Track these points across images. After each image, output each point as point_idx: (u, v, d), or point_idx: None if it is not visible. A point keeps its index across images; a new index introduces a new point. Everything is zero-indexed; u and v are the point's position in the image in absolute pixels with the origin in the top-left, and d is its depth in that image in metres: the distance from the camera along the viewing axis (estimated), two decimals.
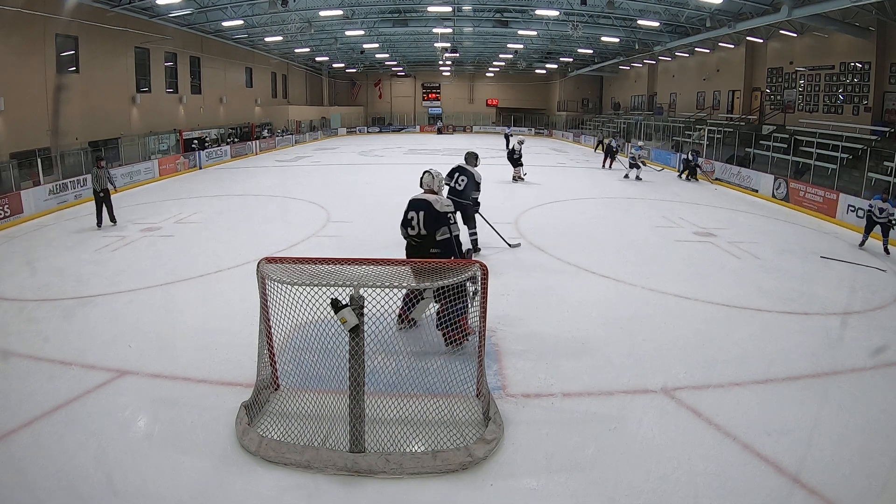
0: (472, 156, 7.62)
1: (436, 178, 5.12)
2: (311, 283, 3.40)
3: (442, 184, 5.21)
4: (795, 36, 17.57)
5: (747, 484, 3.20)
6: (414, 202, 4.98)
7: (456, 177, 7.43)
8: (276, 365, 4.09)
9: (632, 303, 6.15)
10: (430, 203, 4.88)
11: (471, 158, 7.57)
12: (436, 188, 5.09)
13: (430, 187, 5.08)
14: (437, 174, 5.15)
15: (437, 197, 4.98)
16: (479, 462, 3.37)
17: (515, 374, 4.46)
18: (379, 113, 44.03)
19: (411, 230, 4.95)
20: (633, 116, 29.51)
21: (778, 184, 13.38)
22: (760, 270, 7.46)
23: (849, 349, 5.05)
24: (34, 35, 13.85)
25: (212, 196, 13.57)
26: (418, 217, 4.87)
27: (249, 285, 4.60)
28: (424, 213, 4.86)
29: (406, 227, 4.99)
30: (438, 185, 5.12)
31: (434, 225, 4.85)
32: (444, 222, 4.85)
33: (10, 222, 10.55)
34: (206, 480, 3.23)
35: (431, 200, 4.90)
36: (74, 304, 6.09)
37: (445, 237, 4.87)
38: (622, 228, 10.03)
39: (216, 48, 23.60)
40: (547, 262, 7.69)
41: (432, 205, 4.87)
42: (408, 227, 4.97)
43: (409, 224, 4.95)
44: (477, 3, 20.37)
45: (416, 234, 4.93)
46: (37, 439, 3.59)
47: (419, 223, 4.87)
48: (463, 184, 7.37)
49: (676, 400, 4.11)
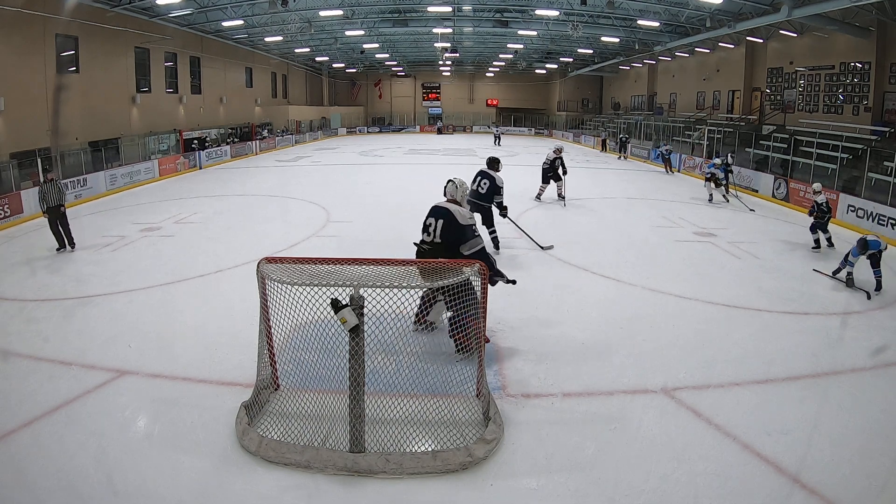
0: (494, 161, 7.90)
1: (459, 188, 4.87)
2: (311, 283, 3.40)
3: (466, 194, 4.96)
4: (795, 36, 17.57)
5: (747, 484, 3.20)
6: (435, 209, 4.77)
7: (478, 180, 7.69)
8: (276, 365, 4.08)
9: (632, 303, 6.15)
10: (453, 214, 4.66)
11: (493, 163, 7.84)
12: (458, 198, 4.85)
13: (454, 197, 4.85)
14: (460, 184, 4.91)
15: (459, 208, 4.73)
16: (479, 462, 3.37)
17: (515, 374, 4.46)
18: (379, 113, 44.02)
19: (427, 237, 4.74)
20: (633, 116, 29.52)
21: (778, 184, 13.38)
22: (760, 270, 7.46)
23: (849, 349, 5.05)
24: (34, 35, 13.85)
25: (212, 196, 13.57)
26: (436, 224, 4.67)
27: (249, 285, 4.60)
28: (444, 221, 4.64)
29: (423, 232, 4.81)
30: (462, 195, 4.88)
31: (452, 236, 4.64)
32: (470, 235, 4.64)
33: (10, 222, 10.55)
34: (206, 480, 3.23)
35: (454, 211, 4.68)
36: (74, 304, 6.09)
37: (476, 249, 4.63)
38: (622, 228, 10.03)
39: (216, 48, 23.60)
40: (547, 261, 7.69)
41: (454, 216, 4.65)
42: (424, 233, 4.78)
43: (425, 230, 4.76)
44: (477, 3, 20.37)
45: (429, 242, 4.72)
46: (37, 439, 3.59)
47: (436, 230, 4.66)
48: (485, 187, 7.62)
49: (676, 400, 4.11)
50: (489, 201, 7.60)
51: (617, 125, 29.10)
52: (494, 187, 7.59)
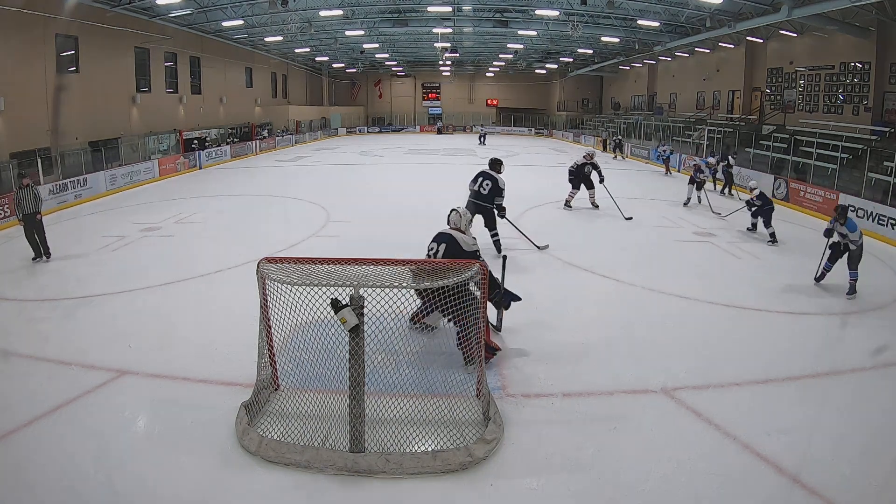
0: (496, 162, 7.86)
1: (463, 217, 4.91)
2: (311, 283, 3.40)
3: (470, 223, 4.99)
4: (795, 36, 17.57)
5: (747, 484, 3.20)
6: (440, 235, 4.82)
7: (480, 181, 7.65)
8: (276, 365, 4.08)
9: (632, 303, 6.15)
10: (456, 239, 4.70)
11: (495, 164, 7.81)
12: (463, 227, 4.87)
13: (457, 226, 4.87)
14: (464, 213, 4.96)
15: (463, 235, 4.78)
16: (479, 462, 3.37)
17: (515, 374, 4.47)
18: (379, 113, 44.01)
19: None
20: (633, 116, 29.52)
21: (778, 184, 13.38)
22: (760, 270, 7.46)
23: (849, 349, 5.06)
24: (34, 35, 13.85)
25: (212, 196, 13.57)
26: (438, 249, 4.70)
27: (249, 285, 4.60)
28: (447, 246, 4.68)
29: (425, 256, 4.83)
30: (466, 224, 4.91)
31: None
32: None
33: (10, 222, 10.53)
34: (206, 480, 3.23)
35: (458, 237, 4.73)
36: (74, 304, 6.09)
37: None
38: (622, 228, 10.03)
39: (216, 48, 23.59)
40: (547, 262, 7.69)
41: (458, 241, 4.69)
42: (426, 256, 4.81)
43: (427, 254, 4.79)
44: (477, 3, 20.36)
45: None
46: (37, 439, 3.59)
47: (437, 254, 4.69)
48: (487, 188, 7.60)
49: (676, 400, 4.11)
50: (491, 202, 7.58)
51: (617, 125, 29.11)
52: (497, 189, 7.58)
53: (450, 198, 7.52)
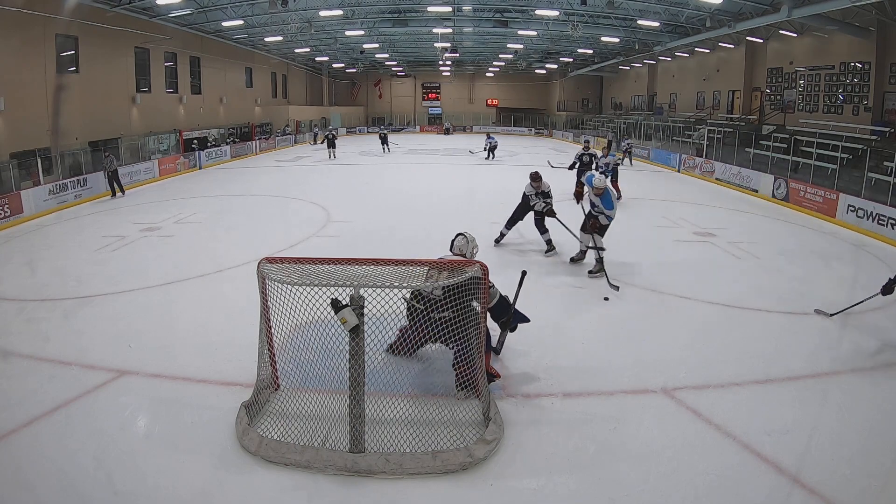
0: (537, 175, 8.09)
1: (469, 243, 4.47)
2: (311, 283, 3.40)
3: (476, 249, 4.54)
4: (795, 36, 17.57)
5: (747, 484, 3.20)
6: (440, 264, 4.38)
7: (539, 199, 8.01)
8: (276, 365, 4.08)
9: (632, 303, 6.15)
10: None
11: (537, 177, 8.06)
12: (468, 254, 4.43)
13: (462, 252, 4.44)
14: (471, 238, 4.50)
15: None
16: (479, 462, 3.37)
17: (515, 374, 4.46)
18: (379, 113, 43.98)
19: None
20: (633, 116, 29.52)
21: (778, 184, 13.37)
22: (760, 270, 7.46)
23: (849, 349, 5.05)
24: (34, 35, 13.84)
25: (212, 196, 13.57)
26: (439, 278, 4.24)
27: (249, 285, 4.60)
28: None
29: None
30: (471, 251, 4.46)
31: None
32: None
33: (10, 222, 10.54)
34: (206, 480, 3.23)
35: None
36: (74, 304, 6.09)
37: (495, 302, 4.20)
38: (622, 228, 9.99)
39: (216, 48, 23.58)
40: (547, 262, 7.70)
41: None
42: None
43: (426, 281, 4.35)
44: (477, 3, 20.37)
45: None
46: (37, 439, 3.59)
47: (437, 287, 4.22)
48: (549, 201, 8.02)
49: (676, 400, 4.11)
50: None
51: (617, 125, 29.08)
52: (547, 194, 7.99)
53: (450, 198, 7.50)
